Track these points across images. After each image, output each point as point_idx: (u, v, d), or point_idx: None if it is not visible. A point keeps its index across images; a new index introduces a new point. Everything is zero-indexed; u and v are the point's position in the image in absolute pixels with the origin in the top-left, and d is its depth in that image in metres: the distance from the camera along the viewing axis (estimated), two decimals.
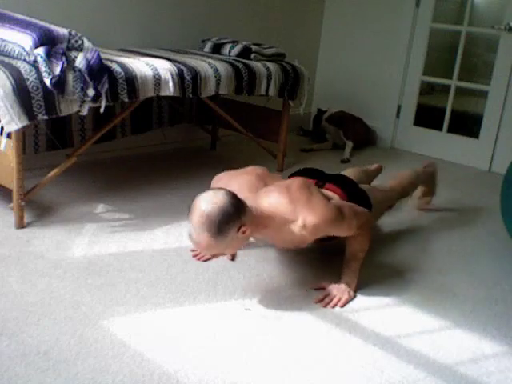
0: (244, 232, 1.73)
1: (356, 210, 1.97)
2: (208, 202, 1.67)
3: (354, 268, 2.03)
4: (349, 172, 2.58)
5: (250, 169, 2.08)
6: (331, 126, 4.19)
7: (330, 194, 2.14)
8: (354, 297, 1.99)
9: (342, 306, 1.93)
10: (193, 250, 2.23)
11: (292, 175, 2.35)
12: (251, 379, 1.52)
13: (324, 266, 2.23)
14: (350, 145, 4.08)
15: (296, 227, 1.82)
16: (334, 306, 1.93)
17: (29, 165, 2.60)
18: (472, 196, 3.32)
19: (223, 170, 2.14)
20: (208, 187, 2.09)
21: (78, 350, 1.57)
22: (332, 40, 4.56)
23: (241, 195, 1.80)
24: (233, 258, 2.20)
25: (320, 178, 2.23)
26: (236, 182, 1.95)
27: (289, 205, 1.82)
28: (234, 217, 1.68)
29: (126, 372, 1.49)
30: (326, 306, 1.93)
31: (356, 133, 4.17)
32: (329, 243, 2.19)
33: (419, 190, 2.91)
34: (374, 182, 2.73)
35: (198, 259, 2.18)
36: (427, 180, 2.85)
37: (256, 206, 1.79)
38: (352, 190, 2.23)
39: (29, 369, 1.47)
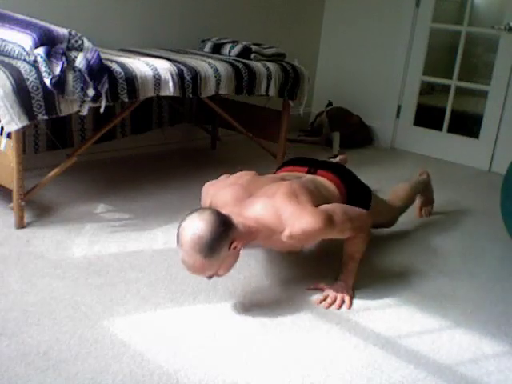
0: (235, 247, 1.71)
1: (350, 213, 1.92)
2: (195, 224, 1.65)
3: (351, 268, 2.02)
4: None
5: (235, 178, 2.05)
6: (327, 118, 4.17)
7: (322, 180, 2.12)
8: (352, 296, 1.99)
9: (350, 307, 1.93)
10: None
11: (284, 164, 2.35)
12: (251, 379, 1.52)
13: (324, 266, 2.23)
14: (336, 136, 4.01)
15: (283, 237, 1.81)
16: (339, 308, 1.92)
17: (29, 165, 2.60)
18: (472, 196, 3.32)
19: (224, 171, 2.14)
20: None
21: (78, 350, 1.57)
22: (332, 40, 4.56)
23: (227, 209, 1.80)
24: None
25: (312, 165, 2.22)
26: (221, 195, 1.94)
27: (274, 216, 1.80)
28: (224, 234, 1.66)
29: (126, 372, 1.49)
30: (329, 307, 1.92)
31: (345, 124, 4.11)
32: None
33: (419, 201, 2.88)
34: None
35: None
36: (424, 189, 2.82)
37: (242, 219, 1.77)
38: (347, 177, 2.21)
39: (29, 369, 1.47)
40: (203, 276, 1.74)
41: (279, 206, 1.81)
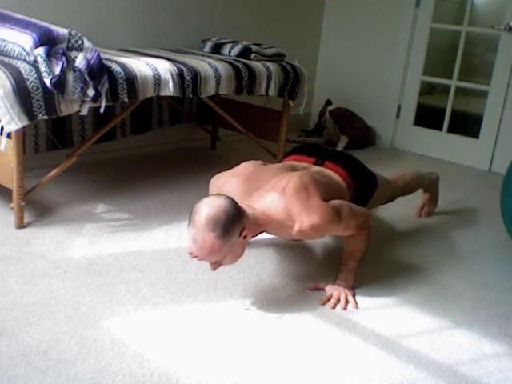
0: (245, 236, 1.74)
1: (355, 210, 1.95)
2: (211, 204, 1.68)
3: (351, 267, 2.03)
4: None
5: (240, 168, 2.03)
6: (331, 119, 4.17)
7: (329, 173, 2.14)
8: (354, 295, 1.99)
9: (356, 306, 1.94)
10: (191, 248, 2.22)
11: (290, 152, 2.35)
12: (251, 379, 1.52)
13: (324, 266, 2.23)
14: (343, 140, 4.04)
15: (292, 231, 1.84)
16: (345, 308, 1.92)
17: (29, 165, 2.59)
18: (472, 196, 3.32)
19: (224, 171, 2.13)
20: (207, 187, 2.10)
21: (78, 350, 1.57)
22: (332, 40, 4.56)
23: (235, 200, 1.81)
24: None
25: (319, 156, 2.23)
26: (228, 186, 1.94)
27: (283, 211, 1.82)
28: (237, 218, 1.70)
29: (126, 372, 1.49)
30: (334, 307, 1.92)
31: (353, 128, 4.12)
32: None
33: (421, 199, 2.89)
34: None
35: (194, 257, 2.17)
36: (430, 186, 2.82)
37: (251, 211, 1.79)
38: (355, 169, 2.22)
39: (29, 369, 1.47)
40: (208, 261, 1.76)
41: (289, 202, 1.83)
